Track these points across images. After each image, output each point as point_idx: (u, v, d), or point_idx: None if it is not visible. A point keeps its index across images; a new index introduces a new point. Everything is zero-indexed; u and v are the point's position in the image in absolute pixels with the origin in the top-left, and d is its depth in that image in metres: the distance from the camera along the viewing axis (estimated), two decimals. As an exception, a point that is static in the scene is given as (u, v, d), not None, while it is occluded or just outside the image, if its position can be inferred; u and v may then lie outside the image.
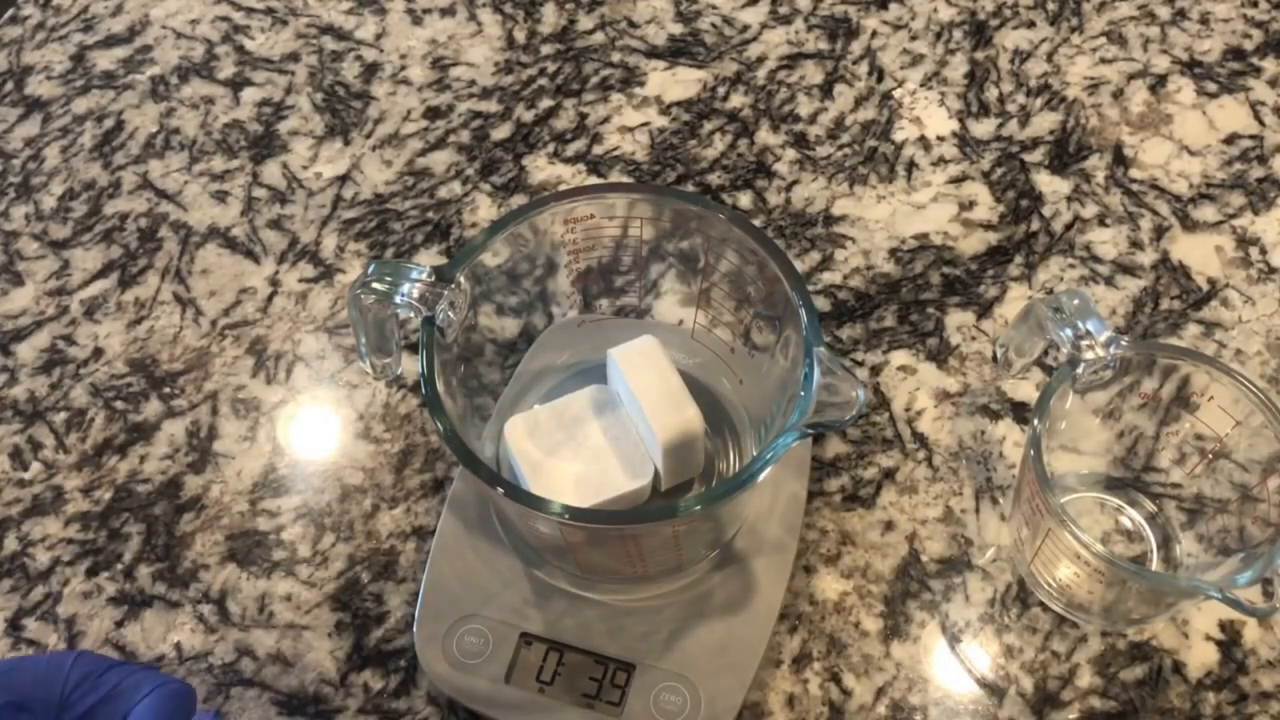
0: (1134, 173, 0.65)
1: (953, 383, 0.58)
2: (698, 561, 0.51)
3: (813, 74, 0.70)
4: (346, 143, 0.69)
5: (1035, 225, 0.63)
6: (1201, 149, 0.66)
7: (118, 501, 0.57)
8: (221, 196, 0.67)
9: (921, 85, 0.69)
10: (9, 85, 0.73)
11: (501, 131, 0.69)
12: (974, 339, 0.59)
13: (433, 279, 0.45)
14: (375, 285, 0.45)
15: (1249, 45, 0.70)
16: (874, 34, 0.72)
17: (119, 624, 0.53)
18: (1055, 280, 0.61)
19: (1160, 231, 0.63)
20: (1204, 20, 0.71)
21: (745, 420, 0.53)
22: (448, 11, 0.75)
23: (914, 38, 0.72)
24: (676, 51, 0.72)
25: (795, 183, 0.66)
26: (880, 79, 0.70)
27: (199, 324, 0.62)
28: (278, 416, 0.59)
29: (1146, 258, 0.62)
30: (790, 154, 0.67)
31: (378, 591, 0.54)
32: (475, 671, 0.49)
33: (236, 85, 0.72)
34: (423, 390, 0.44)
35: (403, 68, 0.72)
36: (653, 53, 0.72)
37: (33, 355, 0.62)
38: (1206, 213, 0.63)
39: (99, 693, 0.40)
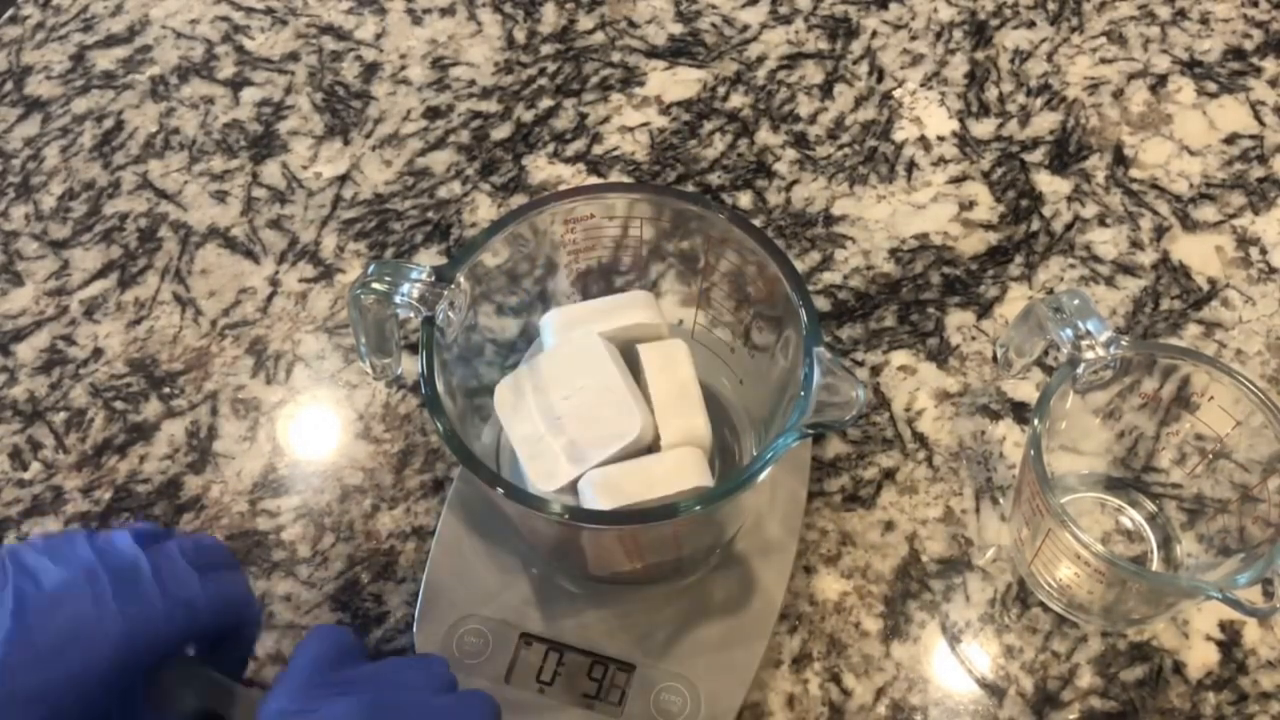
0: (1134, 173, 0.65)
1: (953, 383, 0.58)
2: (698, 561, 0.51)
3: (813, 74, 0.70)
4: (346, 143, 0.69)
5: (1035, 225, 0.63)
6: (1201, 149, 0.66)
7: (118, 501, 0.57)
8: (221, 196, 0.67)
9: (921, 85, 0.69)
10: (9, 85, 0.73)
11: (501, 131, 0.69)
12: (974, 339, 0.59)
13: (433, 279, 0.45)
14: (375, 285, 0.45)
15: (1249, 45, 0.70)
16: (874, 34, 0.72)
17: (119, 624, 0.53)
18: (1055, 280, 0.61)
19: (1160, 231, 0.63)
20: (1204, 20, 0.71)
21: (745, 420, 0.53)
22: (448, 11, 0.75)
23: (914, 38, 0.72)
24: (676, 51, 0.72)
25: (795, 183, 0.66)
26: (880, 79, 0.70)
27: (199, 324, 0.62)
28: (278, 416, 0.59)
29: (1147, 258, 0.62)
30: (790, 154, 0.67)
31: (378, 591, 0.54)
32: (475, 671, 0.49)
33: (236, 85, 0.72)
34: (423, 390, 0.44)
35: (403, 68, 0.72)
36: (653, 53, 0.72)
37: (33, 355, 0.61)
38: (1207, 213, 0.63)
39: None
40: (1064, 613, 0.51)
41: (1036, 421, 0.46)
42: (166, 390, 0.60)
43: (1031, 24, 0.72)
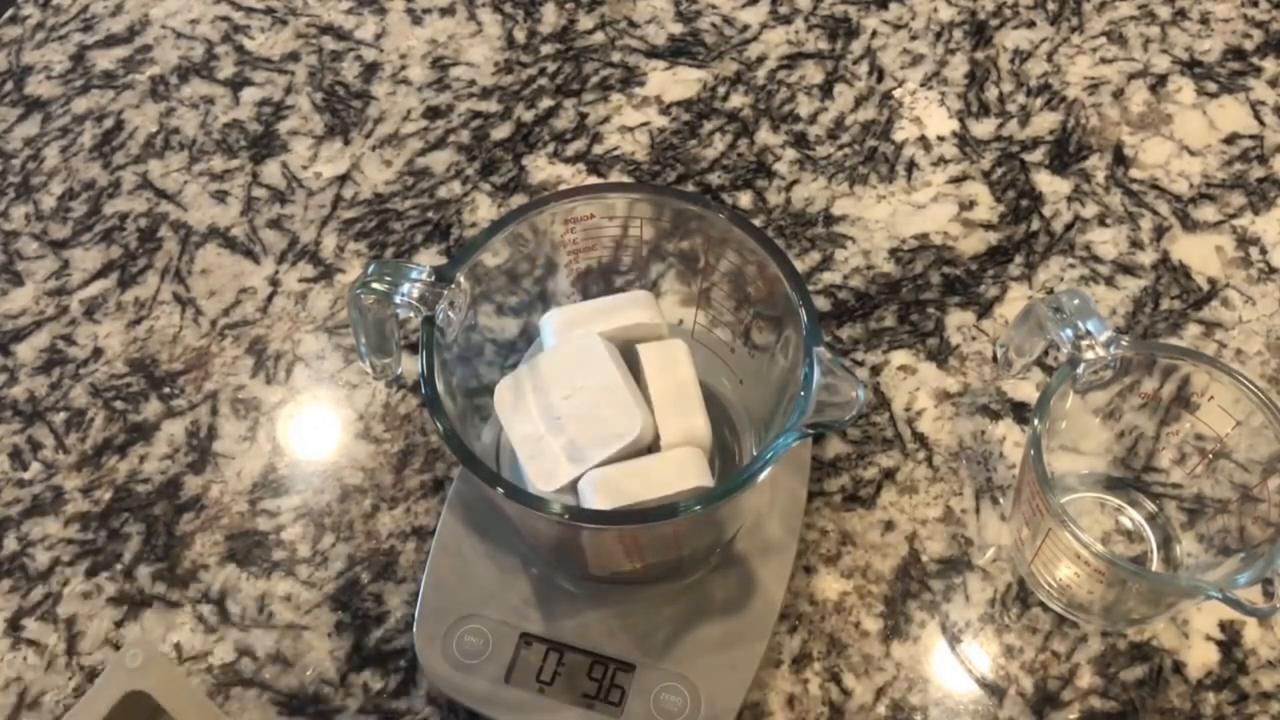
0: (1134, 173, 0.65)
1: (953, 383, 0.58)
2: (698, 561, 0.51)
3: (813, 74, 0.70)
4: (346, 143, 0.69)
5: (1035, 225, 0.63)
6: (1201, 149, 0.66)
7: (118, 501, 0.57)
8: (221, 196, 0.67)
9: (921, 85, 0.69)
10: (9, 85, 0.73)
11: (501, 131, 0.69)
12: (974, 339, 0.59)
13: (433, 279, 0.45)
14: (375, 285, 0.45)
15: (1249, 45, 0.70)
16: (874, 34, 0.72)
17: (119, 624, 0.53)
18: (1055, 280, 0.61)
19: (1160, 231, 0.63)
20: (1204, 20, 0.71)
21: (745, 420, 0.53)
22: (448, 11, 0.75)
23: (914, 38, 0.72)
24: (676, 51, 0.72)
25: (795, 183, 0.66)
26: (880, 79, 0.70)
27: (199, 324, 0.62)
28: (278, 416, 0.59)
29: (1147, 258, 0.62)
30: (790, 154, 0.67)
31: (378, 591, 0.54)
32: (475, 671, 0.49)
33: (236, 85, 0.72)
34: (423, 390, 0.44)
35: (403, 67, 0.72)
36: (653, 53, 0.72)
37: (33, 355, 0.62)
38: (1206, 213, 0.63)
39: None
40: (1064, 613, 0.51)
41: (1036, 421, 0.46)
42: (166, 390, 0.60)
43: (1031, 24, 0.72)
